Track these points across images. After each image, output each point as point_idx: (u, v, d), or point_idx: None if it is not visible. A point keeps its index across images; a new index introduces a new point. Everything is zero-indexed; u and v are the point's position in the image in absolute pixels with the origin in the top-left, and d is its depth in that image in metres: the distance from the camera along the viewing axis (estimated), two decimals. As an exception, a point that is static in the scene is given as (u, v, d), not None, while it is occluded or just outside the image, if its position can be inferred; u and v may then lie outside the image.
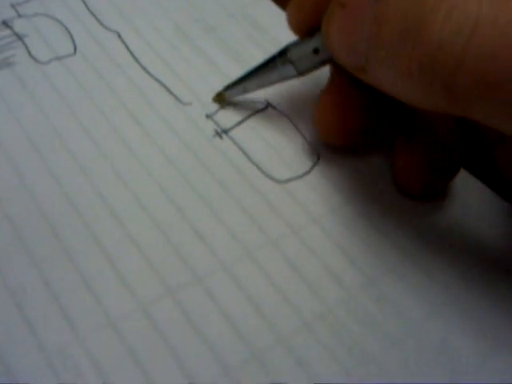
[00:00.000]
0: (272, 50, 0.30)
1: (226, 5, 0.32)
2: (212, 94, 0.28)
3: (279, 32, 0.31)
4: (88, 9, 0.30)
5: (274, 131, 0.27)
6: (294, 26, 0.25)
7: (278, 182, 0.25)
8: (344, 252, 0.23)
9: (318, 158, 0.26)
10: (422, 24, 0.18)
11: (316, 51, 0.24)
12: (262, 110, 0.28)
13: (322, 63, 0.25)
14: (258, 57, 0.30)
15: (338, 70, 0.24)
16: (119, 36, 0.29)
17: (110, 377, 0.19)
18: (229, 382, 0.20)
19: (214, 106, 0.27)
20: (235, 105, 0.27)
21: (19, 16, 0.29)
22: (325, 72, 0.26)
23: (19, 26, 0.29)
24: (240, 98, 0.27)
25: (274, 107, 0.28)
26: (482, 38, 0.17)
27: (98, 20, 0.30)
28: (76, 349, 0.20)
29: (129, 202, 0.24)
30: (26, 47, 0.28)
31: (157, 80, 0.28)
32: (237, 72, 0.28)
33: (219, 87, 0.28)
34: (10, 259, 0.21)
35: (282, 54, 0.25)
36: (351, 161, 0.26)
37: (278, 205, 0.24)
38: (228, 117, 0.27)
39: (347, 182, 0.26)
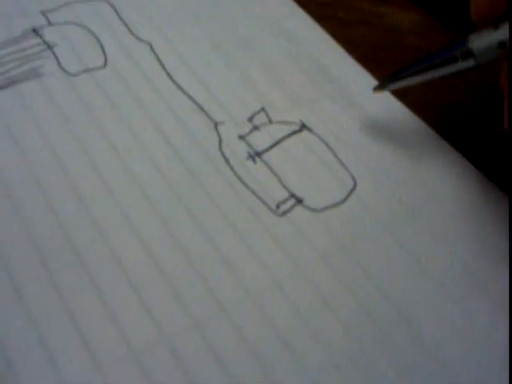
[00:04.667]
0: (307, 64, 0.29)
1: (261, 17, 0.31)
2: (246, 112, 0.27)
3: (315, 46, 0.30)
4: (119, 17, 0.29)
5: (308, 155, 0.26)
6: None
7: (313, 210, 0.24)
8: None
9: (355, 185, 0.25)
10: None
11: (502, 45, 0.22)
12: (297, 131, 0.26)
13: (505, 57, 0.23)
14: (294, 73, 0.29)
15: None
16: (151, 47, 0.28)
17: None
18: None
19: (248, 126, 0.26)
20: (269, 125, 0.26)
21: (50, 24, 0.28)
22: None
23: (49, 34, 0.28)
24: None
25: (309, 129, 0.27)
26: None
27: (129, 30, 0.29)
28: (97, 382, 0.19)
29: (156, 227, 0.23)
30: (56, 57, 0.27)
31: (188, 96, 0.27)
32: (270, 88, 0.27)
33: (253, 105, 0.27)
34: (33, 289, 0.21)
35: (462, 44, 0.23)
36: (389, 187, 0.25)
37: (312, 235, 0.23)
38: (261, 138, 0.26)
39: (385, 211, 0.24)
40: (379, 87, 0.26)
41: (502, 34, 0.22)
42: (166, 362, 0.20)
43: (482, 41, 0.23)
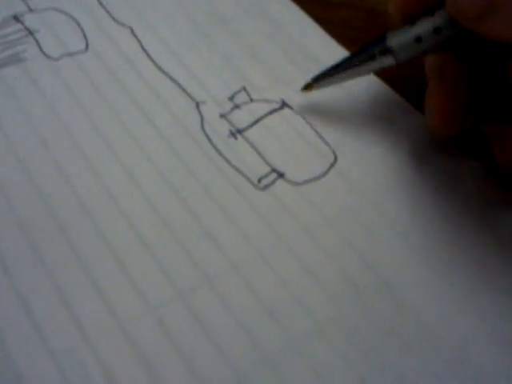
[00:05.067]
0: (288, 45, 0.29)
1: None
2: (227, 91, 0.27)
3: (296, 28, 0.30)
4: (100, 3, 0.30)
5: (289, 132, 0.26)
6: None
7: (294, 184, 0.24)
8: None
9: (336, 159, 0.25)
10: None
11: (418, 40, 0.23)
12: (278, 109, 0.27)
13: (423, 52, 0.24)
14: (274, 53, 0.29)
15: (451, 58, 0.23)
16: (132, 31, 0.29)
17: (119, 380, 0.19)
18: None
19: (229, 105, 0.27)
20: (250, 104, 0.27)
21: (30, 10, 0.29)
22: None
23: (30, 20, 0.28)
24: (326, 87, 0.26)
25: (289, 107, 0.27)
26: None
27: (110, 15, 0.29)
28: (84, 351, 0.19)
29: (140, 204, 0.23)
30: (37, 43, 0.27)
31: (170, 77, 0.27)
32: (251, 68, 0.27)
33: (234, 85, 0.27)
34: (19, 262, 0.21)
35: (380, 42, 0.24)
36: (369, 161, 0.26)
37: (293, 207, 0.24)
38: (242, 116, 0.26)
39: (365, 183, 0.25)
40: (306, 87, 0.26)
41: (417, 29, 0.23)
42: (152, 331, 0.20)
43: (400, 37, 0.24)
